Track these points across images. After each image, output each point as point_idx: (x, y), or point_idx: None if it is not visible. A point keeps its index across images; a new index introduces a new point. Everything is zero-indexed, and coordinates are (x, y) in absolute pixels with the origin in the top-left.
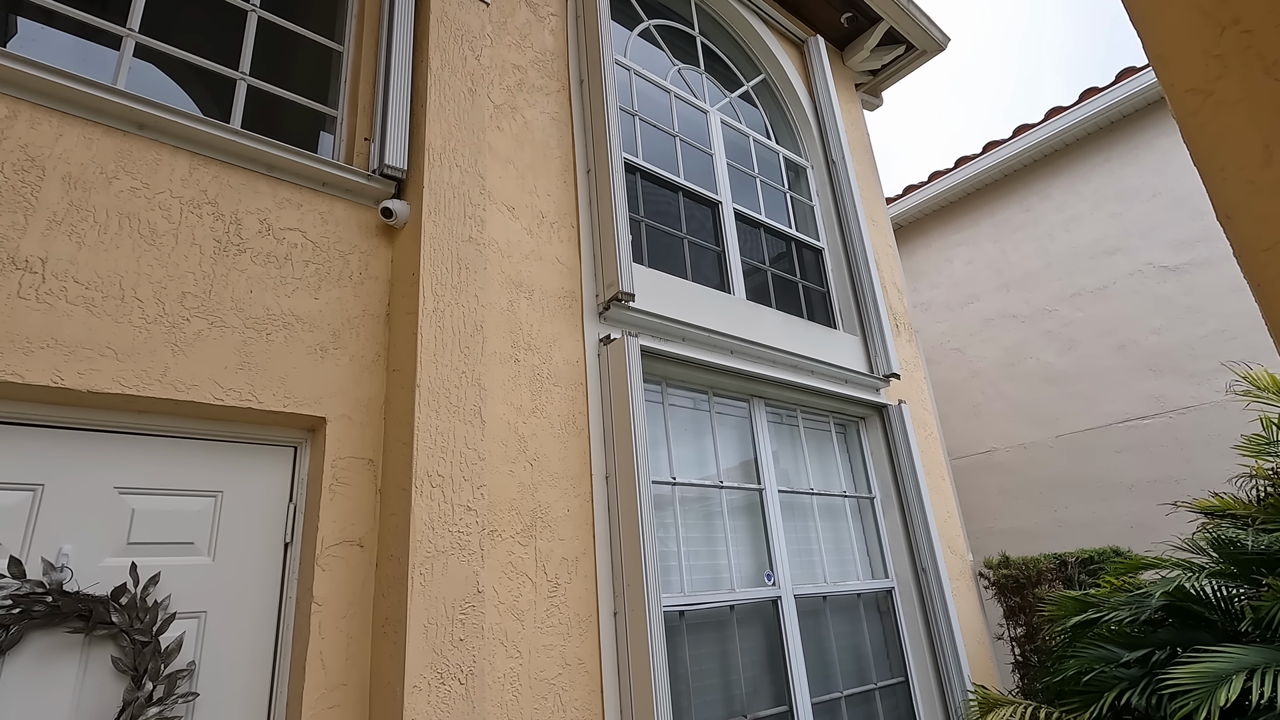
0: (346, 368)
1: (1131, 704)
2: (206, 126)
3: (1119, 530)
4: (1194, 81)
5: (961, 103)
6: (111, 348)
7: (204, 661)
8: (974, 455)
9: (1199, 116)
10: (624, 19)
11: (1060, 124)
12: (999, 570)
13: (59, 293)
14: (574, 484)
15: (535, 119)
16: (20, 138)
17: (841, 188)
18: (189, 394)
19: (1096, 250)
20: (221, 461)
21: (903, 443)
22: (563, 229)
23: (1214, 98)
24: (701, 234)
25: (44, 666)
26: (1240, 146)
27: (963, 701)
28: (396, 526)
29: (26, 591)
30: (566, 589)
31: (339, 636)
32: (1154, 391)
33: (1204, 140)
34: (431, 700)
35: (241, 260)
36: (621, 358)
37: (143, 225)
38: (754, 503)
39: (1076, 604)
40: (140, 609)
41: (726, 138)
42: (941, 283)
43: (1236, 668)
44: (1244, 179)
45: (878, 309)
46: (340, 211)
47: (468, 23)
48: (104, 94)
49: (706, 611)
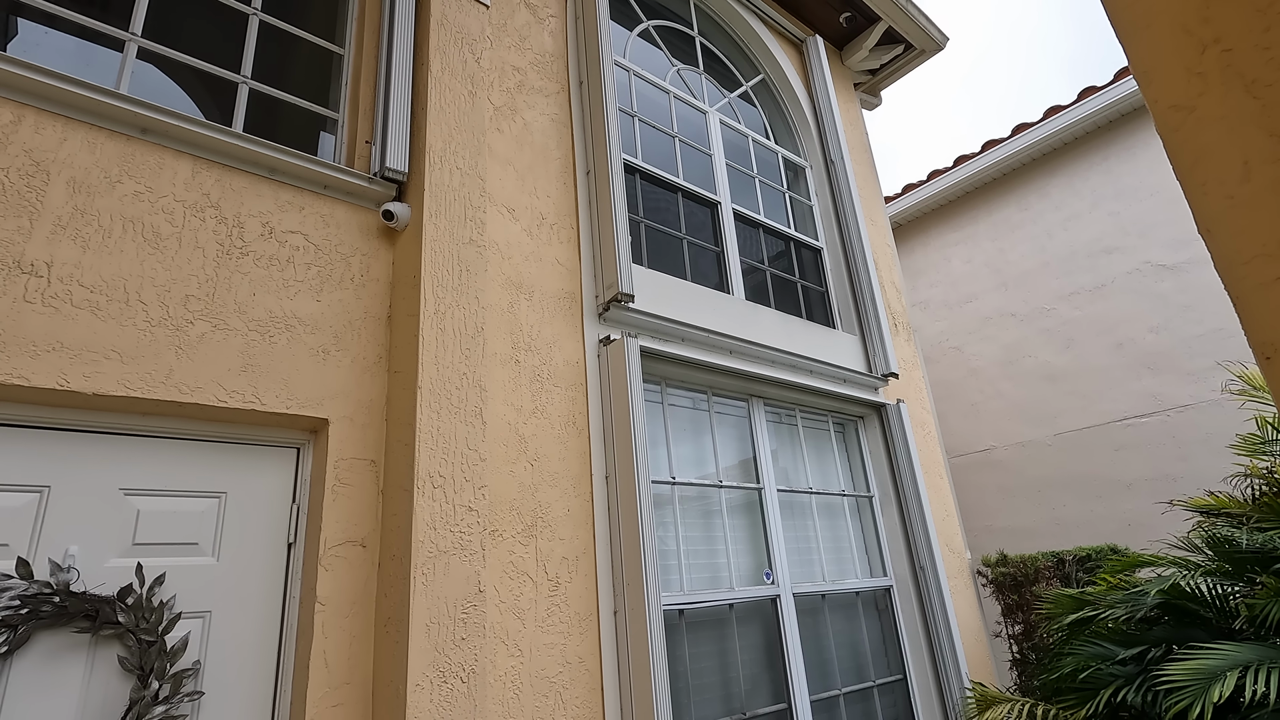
0: (348, 369)
1: (1127, 701)
2: (209, 130)
3: (1117, 528)
4: (1176, 98)
5: (966, 103)
6: (116, 351)
7: (209, 660)
8: (972, 454)
9: (1181, 132)
10: (623, 19)
11: (1058, 123)
12: (997, 568)
13: (64, 296)
14: (574, 484)
15: (535, 120)
16: (25, 142)
17: (840, 187)
18: (193, 396)
19: (1094, 249)
20: (225, 463)
21: (901, 442)
22: (562, 230)
23: (1196, 114)
24: (701, 234)
25: (52, 666)
26: (1220, 162)
27: (960, 699)
28: (398, 527)
29: (34, 592)
30: (567, 588)
31: (342, 636)
32: (1152, 390)
33: (1186, 156)
34: (434, 698)
35: (244, 263)
36: (621, 358)
37: (146, 229)
38: (753, 502)
39: (1073, 602)
40: (146, 609)
41: (725, 138)
42: (940, 281)
43: (1230, 665)
44: (1223, 194)
45: (876, 308)
46: (342, 214)
47: (467, 25)
48: (107, 98)
49: (706, 610)
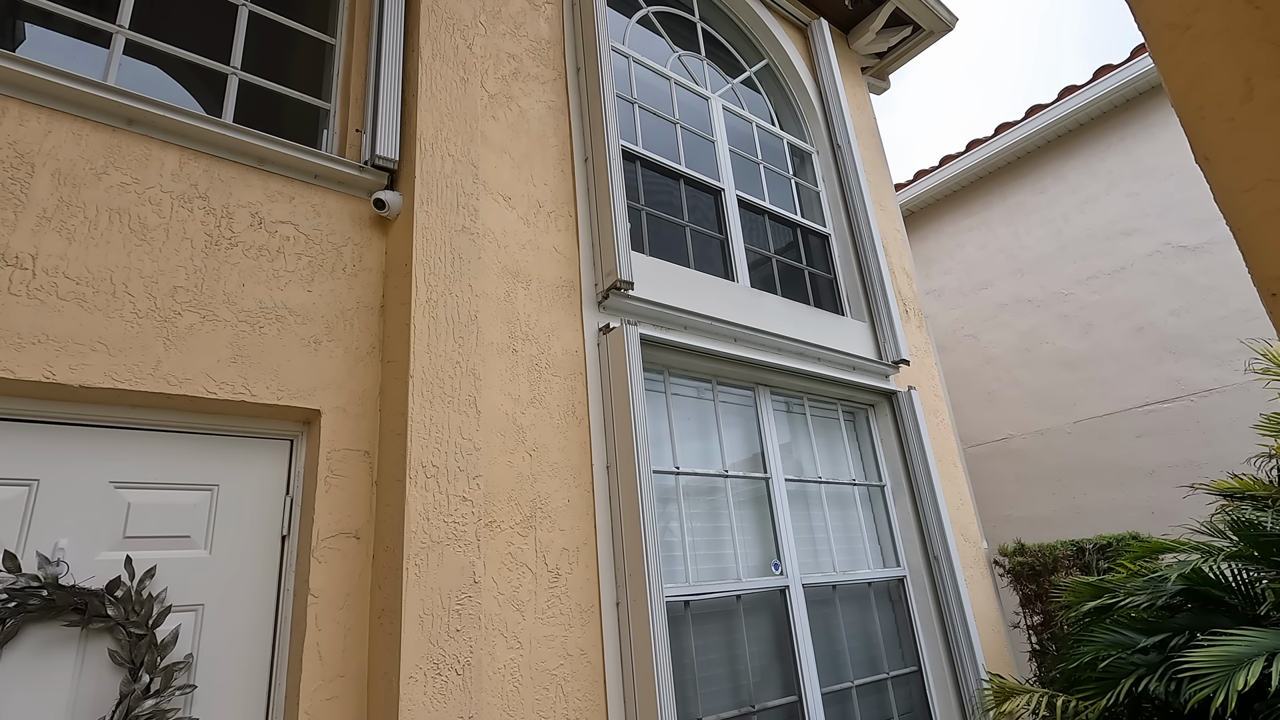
0: (340, 360)
1: (1149, 690)
2: (196, 121)
3: (1140, 516)
4: (1171, 16)
5: (981, 89)
6: (103, 343)
7: (201, 654)
8: (990, 442)
9: (1176, 53)
10: (622, 6)
11: (1074, 103)
12: (1014, 558)
13: (50, 288)
14: (574, 474)
15: (531, 108)
16: (9, 134)
17: (847, 172)
18: (182, 388)
19: (1112, 231)
20: (217, 455)
21: (913, 429)
22: (560, 218)
23: (1192, 32)
24: (704, 221)
25: (41, 659)
26: (1219, 82)
27: (977, 690)
28: (392, 518)
29: (21, 586)
30: (568, 579)
31: (336, 628)
32: (1174, 374)
33: (1181, 78)
34: (428, 690)
35: (233, 254)
36: (621, 346)
37: (133, 220)
38: (760, 492)
39: (1092, 590)
40: (136, 602)
41: (729, 124)
42: (954, 268)
43: (1256, 651)
44: (1223, 116)
45: (886, 295)
46: (333, 204)
47: (459, 11)
48: (92, 90)
49: (712, 601)
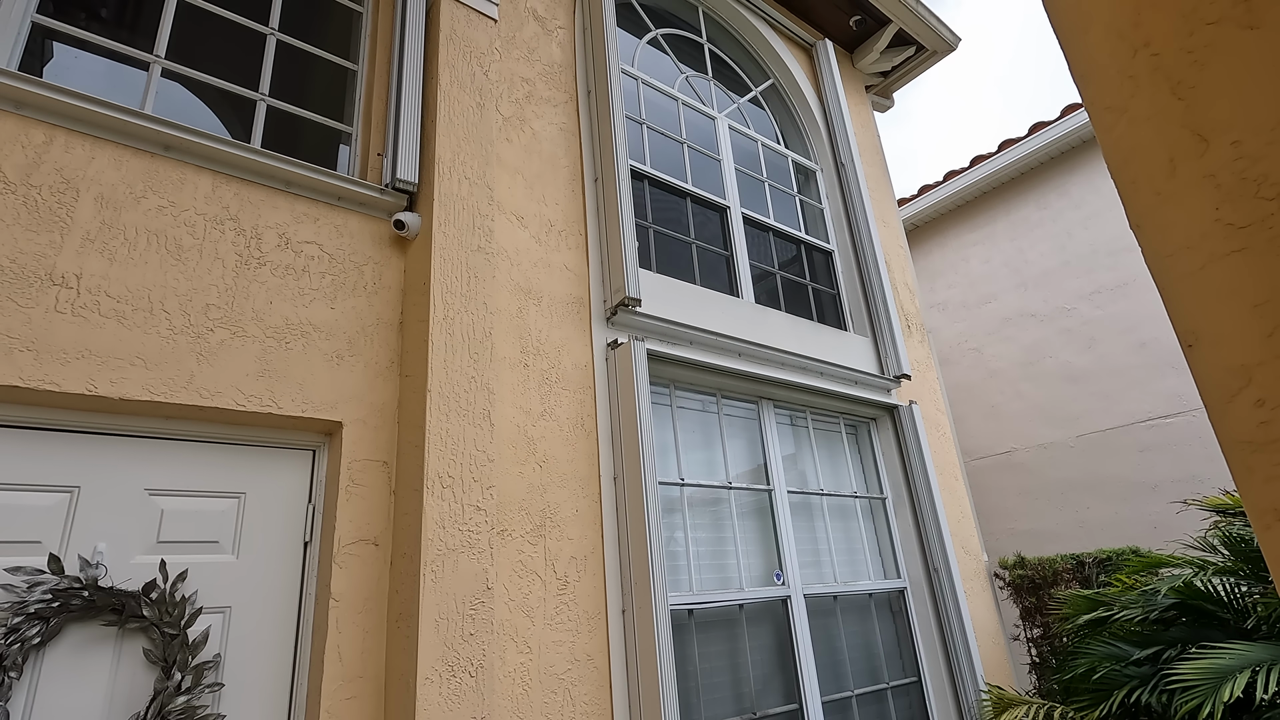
0: (361, 374)
1: (1142, 702)
2: (228, 146)
3: (1143, 530)
4: (1111, 99)
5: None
6: (141, 357)
7: (228, 654)
8: (993, 456)
9: (1114, 132)
10: (632, 28)
11: (1078, 120)
12: (1014, 570)
13: (92, 306)
14: (582, 485)
15: (543, 130)
16: (56, 161)
17: (851, 190)
18: (213, 400)
19: (1116, 246)
20: (244, 464)
21: (914, 443)
22: (571, 236)
23: (1127, 115)
24: (710, 239)
25: (81, 657)
26: (1148, 160)
27: (976, 701)
28: (409, 525)
29: (65, 586)
30: (576, 587)
31: (355, 631)
32: (1177, 389)
33: (1118, 154)
34: (443, 692)
35: (261, 273)
36: (628, 361)
37: (169, 241)
38: (763, 503)
39: (1088, 603)
40: (169, 604)
41: (735, 143)
42: (958, 282)
43: (1242, 664)
44: (1151, 190)
45: (888, 310)
46: (355, 224)
47: (476, 39)
48: (132, 118)
49: (716, 610)
